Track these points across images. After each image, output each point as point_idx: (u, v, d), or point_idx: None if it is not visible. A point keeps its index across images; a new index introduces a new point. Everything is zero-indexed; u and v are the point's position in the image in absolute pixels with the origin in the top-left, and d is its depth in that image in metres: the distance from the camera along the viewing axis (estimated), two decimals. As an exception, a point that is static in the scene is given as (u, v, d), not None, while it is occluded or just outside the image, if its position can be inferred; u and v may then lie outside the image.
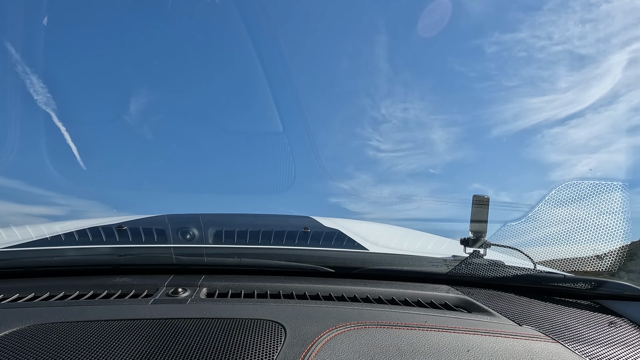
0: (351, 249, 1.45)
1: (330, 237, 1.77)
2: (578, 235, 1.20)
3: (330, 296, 1.08)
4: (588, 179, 1.27)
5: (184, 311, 0.90)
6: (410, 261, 1.28)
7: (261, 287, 1.11)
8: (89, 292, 1.04)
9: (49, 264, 1.19)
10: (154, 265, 1.22)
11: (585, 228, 1.20)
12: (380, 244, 1.69)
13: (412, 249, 1.67)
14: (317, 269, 1.21)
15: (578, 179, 1.28)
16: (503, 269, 1.24)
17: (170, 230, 1.77)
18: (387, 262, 1.28)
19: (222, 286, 1.10)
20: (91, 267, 1.21)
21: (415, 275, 1.25)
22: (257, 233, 1.77)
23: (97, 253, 1.27)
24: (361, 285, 1.17)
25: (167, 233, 1.72)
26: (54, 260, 1.20)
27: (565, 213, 1.24)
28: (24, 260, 1.24)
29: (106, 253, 1.27)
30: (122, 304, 0.95)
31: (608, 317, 1.08)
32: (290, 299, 1.03)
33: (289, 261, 1.23)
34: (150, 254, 1.27)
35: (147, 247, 1.32)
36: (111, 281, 1.11)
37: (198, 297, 1.01)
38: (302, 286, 1.12)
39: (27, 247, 1.33)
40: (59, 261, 1.20)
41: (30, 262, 1.21)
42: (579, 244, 1.21)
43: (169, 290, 1.04)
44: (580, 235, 1.20)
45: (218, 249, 1.31)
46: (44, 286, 1.08)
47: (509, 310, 1.06)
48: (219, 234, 1.79)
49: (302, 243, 1.62)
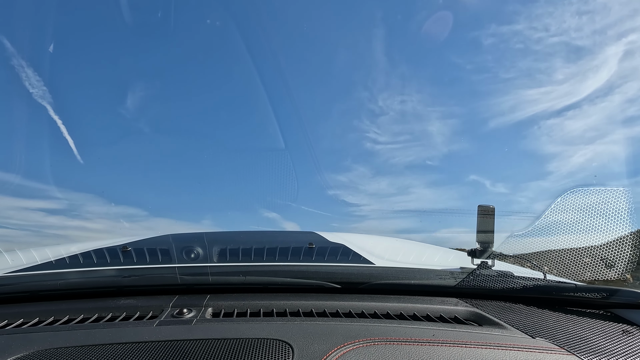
0: (357, 263, 1.44)
1: (336, 252, 1.76)
2: (587, 242, 1.19)
3: (338, 312, 1.07)
4: (593, 186, 1.26)
5: (189, 332, 0.89)
6: (417, 274, 1.26)
7: (267, 306, 1.09)
8: (94, 315, 1.03)
9: (53, 288, 1.19)
10: (159, 285, 1.21)
11: (594, 235, 1.18)
12: (386, 258, 1.67)
13: (418, 262, 1.65)
14: (323, 285, 1.20)
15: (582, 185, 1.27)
16: (512, 279, 1.21)
17: (175, 249, 1.76)
18: (394, 276, 1.26)
19: (228, 305, 1.09)
20: (95, 289, 1.20)
21: (423, 288, 1.23)
22: (262, 250, 1.76)
23: (101, 275, 1.27)
24: (368, 300, 1.15)
25: (171, 253, 1.71)
26: (59, 284, 1.19)
27: (573, 221, 1.23)
28: (28, 285, 1.23)
29: (110, 275, 1.26)
30: (126, 326, 0.94)
31: (622, 325, 1.05)
32: (297, 317, 1.01)
33: (295, 278, 1.22)
34: (154, 274, 1.26)
35: (151, 267, 1.31)
36: (116, 303, 1.10)
37: (204, 318, 0.99)
38: (308, 303, 1.11)
39: (31, 271, 1.32)
40: (63, 284, 1.20)
41: (34, 286, 1.20)
42: (588, 251, 1.19)
43: (174, 311, 1.02)
44: (590, 243, 1.18)
45: (223, 268, 1.30)
46: (49, 310, 1.07)
47: (521, 322, 1.04)
48: (224, 252, 1.78)
49: (307, 259, 1.61)
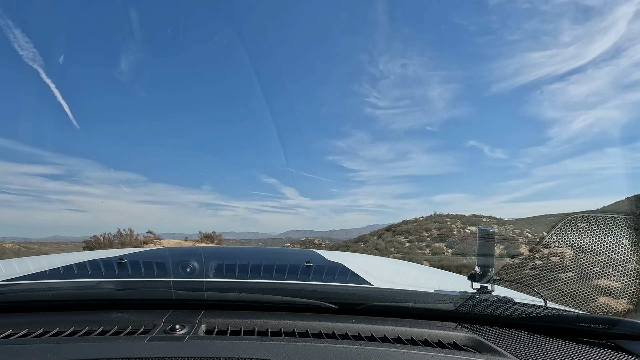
0: (355, 284, 1.42)
1: (333, 272, 1.73)
2: (589, 271, 1.17)
3: (334, 334, 1.04)
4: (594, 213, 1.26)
5: (181, 349, 0.87)
6: (416, 297, 1.24)
7: (261, 324, 1.07)
8: (84, 329, 1.01)
9: (45, 298, 1.17)
10: (152, 300, 1.19)
11: (595, 264, 1.17)
12: (385, 279, 1.65)
13: (417, 285, 1.63)
14: (319, 305, 1.18)
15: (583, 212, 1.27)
16: (512, 306, 1.19)
17: (171, 263, 1.75)
18: (392, 298, 1.24)
19: (222, 323, 1.07)
20: (88, 301, 1.18)
21: (422, 312, 1.20)
22: (259, 267, 1.74)
23: (94, 287, 1.25)
24: (365, 322, 1.13)
25: (167, 266, 1.69)
26: (51, 295, 1.17)
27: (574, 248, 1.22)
28: (19, 295, 1.21)
29: (103, 287, 1.24)
30: (117, 341, 0.92)
31: (623, 356, 1.03)
32: (292, 337, 0.99)
33: (291, 296, 1.20)
34: (148, 287, 1.24)
35: (146, 280, 1.29)
36: (108, 316, 1.08)
37: (196, 335, 0.97)
38: (304, 323, 1.09)
39: (24, 281, 1.31)
40: (55, 295, 1.18)
41: (25, 297, 1.18)
42: (590, 280, 1.17)
43: (166, 326, 1.00)
44: (591, 272, 1.17)
45: (218, 283, 1.28)
46: (38, 321, 1.05)
47: (521, 350, 1.01)
48: (220, 267, 1.76)
49: (305, 277, 1.59)
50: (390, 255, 29.66)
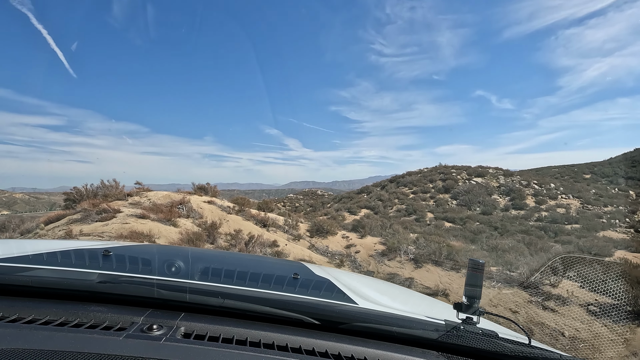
0: (340, 301, 1.40)
1: (320, 287, 1.71)
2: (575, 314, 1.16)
3: (314, 351, 1.02)
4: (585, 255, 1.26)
5: (156, 350, 0.85)
6: (400, 322, 1.22)
7: (241, 333, 1.05)
8: (60, 319, 0.98)
9: (23, 283, 1.14)
10: (133, 296, 1.16)
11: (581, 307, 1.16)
12: (371, 300, 1.63)
13: (403, 309, 1.61)
14: (302, 319, 1.16)
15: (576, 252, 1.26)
16: (497, 341, 1.18)
17: (157, 261, 1.72)
18: (376, 320, 1.22)
19: (201, 327, 1.05)
20: (67, 291, 1.15)
21: (405, 337, 1.19)
22: (245, 274, 1.71)
23: (75, 277, 1.22)
24: (347, 342, 1.11)
25: (152, 264, 1.67)
26: (30, 280, 1.15)
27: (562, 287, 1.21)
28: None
29: (85, 278, 1.21)
30: (92, 334, 0.90)
31: None
32: (270, 350, 0.97)
33: (274, 307, 1.18)
34: (131, 282, 1.21)
35: (128, 276, 1.27)
36: (86, 309, 1.06)
37: (174, 337, 0.95)
38: (284, 337, 1.06)
39: (4, 263, 1.28)
40: (35, 281, 1.15)
41: (2, 280, 1.15)
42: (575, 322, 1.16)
43: (144, 325, 0.98)
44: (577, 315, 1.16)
45: (202, 286, 1.25)
46: (13, 306, 1.02)
47: None
48: (206, 270, 1.73)
49: (290, 290, 1.57)
50: (394, 206, 28.85)
